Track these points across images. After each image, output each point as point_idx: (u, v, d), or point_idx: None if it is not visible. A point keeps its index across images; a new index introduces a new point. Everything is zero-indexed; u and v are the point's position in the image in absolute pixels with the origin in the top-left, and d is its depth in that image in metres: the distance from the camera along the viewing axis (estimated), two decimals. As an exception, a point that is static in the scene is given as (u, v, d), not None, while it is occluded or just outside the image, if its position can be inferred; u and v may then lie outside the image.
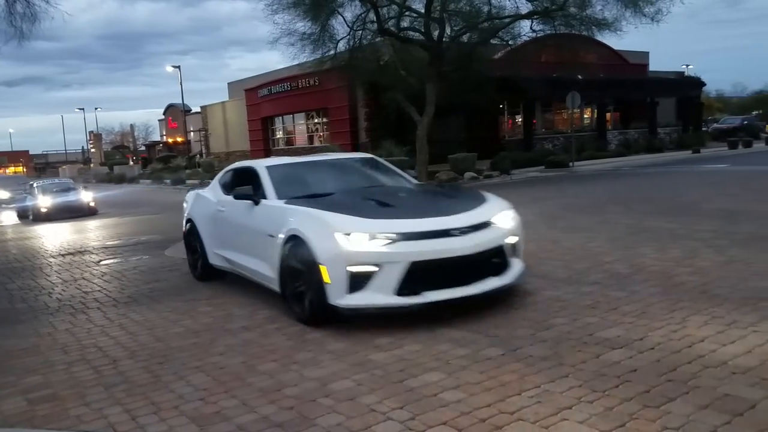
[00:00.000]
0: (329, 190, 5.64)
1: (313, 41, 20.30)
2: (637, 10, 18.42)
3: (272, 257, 5.09)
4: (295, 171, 6.27)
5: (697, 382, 3.23)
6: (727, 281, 5.18)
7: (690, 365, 3.47)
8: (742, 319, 4.17)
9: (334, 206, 4.95)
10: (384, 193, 5.64)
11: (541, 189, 15.81)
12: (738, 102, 66.49)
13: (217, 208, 6.48)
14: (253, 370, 3.96)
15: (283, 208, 5.22)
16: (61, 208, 17.90)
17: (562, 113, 31.34)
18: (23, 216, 19.32)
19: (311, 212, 4.89)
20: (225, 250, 6.30)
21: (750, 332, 3.92)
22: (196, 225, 6.89)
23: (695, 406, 2.96)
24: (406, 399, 3.33)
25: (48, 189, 19.22)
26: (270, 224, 5.20)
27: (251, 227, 5.59)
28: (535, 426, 2.91)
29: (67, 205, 18.16)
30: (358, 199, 5.26)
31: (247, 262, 5.74)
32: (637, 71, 33.80)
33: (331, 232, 4.55)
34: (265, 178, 5.84)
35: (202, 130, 43.97)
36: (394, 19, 20.76)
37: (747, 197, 10.99)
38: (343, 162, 6.84)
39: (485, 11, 20.11)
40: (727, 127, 37.88)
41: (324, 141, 30.24)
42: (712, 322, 4.18)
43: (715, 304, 4.58)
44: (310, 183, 5.90)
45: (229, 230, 6.17)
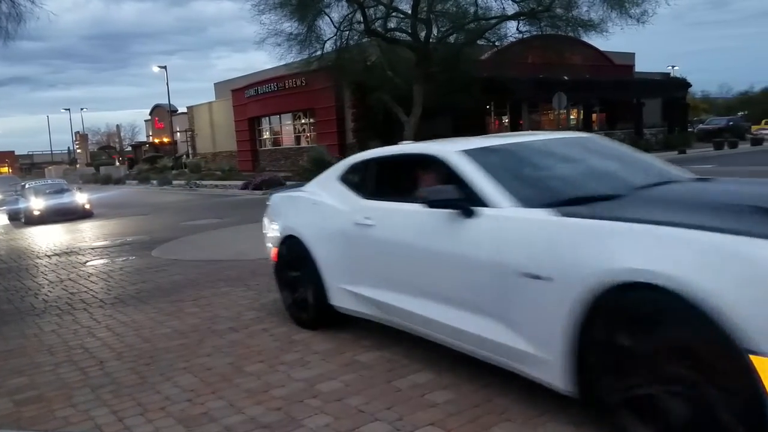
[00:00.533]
0: (593, 188, 3.35)
1: (299, 41, 20.32)
2: (623, 11, 18.65)
3: (541, 319, 2.80)
4: (515, 159, 3.77)
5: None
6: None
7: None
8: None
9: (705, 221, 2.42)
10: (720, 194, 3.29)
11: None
12: (723, 103, 67.34)
13: (353, 221, 4.18)
14: (241, 371, 3.95)
15: (582, 226, 2.75)
16: (55, 211, 17.07)
17: (548, 114, 31.57)
18: (14, 218, 18.43)
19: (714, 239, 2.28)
20: (371, 288, 4.08)
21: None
22: (307, 246, 4.56)
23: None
24: (394, 399, 3.33)
25: (41, 190, 18.38)
26: (527, 254, 2.87)
27: (463, 257, 3.22)
28: (522, 426, 2.93)
29: (62, 207, 17.36)
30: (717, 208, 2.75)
31: (443, 316, 3.43)
32: (622, 72, 34.12)
33: None
34: (474, 171, 3.43)
35: (189, 130, 43.70)
36: (381, 19, 20.83)
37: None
38: (569, 142, 4.28)
39: (472, 12, 20.24)
40: (712, 128, 38.38)
41: (311, 141, 30.21)
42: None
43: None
44: (551, 178, 3.65)
45: (389, 258, 3.87)
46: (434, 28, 20.40)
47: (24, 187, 19.34)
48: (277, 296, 5.88)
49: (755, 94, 63.93)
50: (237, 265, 7.78)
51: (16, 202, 18.65)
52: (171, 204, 19.61)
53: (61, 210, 17.21)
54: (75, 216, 17.33)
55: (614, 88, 31.32)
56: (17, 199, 18.83)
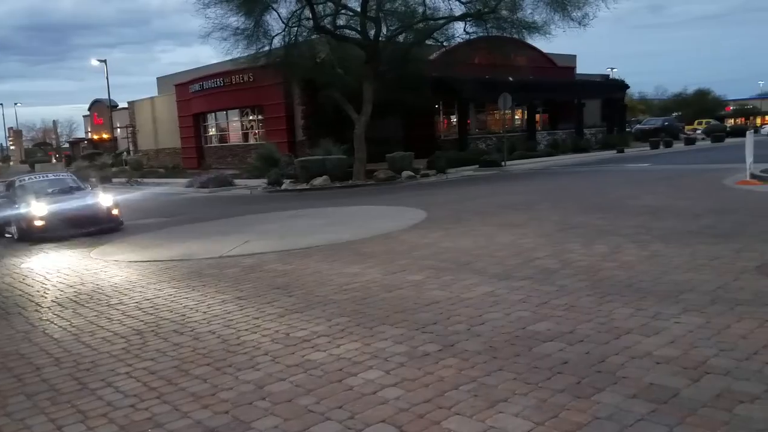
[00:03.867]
0: None
1: (246, 36, 19.93)
2: (566, 14, 19.18)
3: None
4: None
5: (625, 373, 3.39)
6: (650, 275, 5.47)
7: (617, 356, 3.64)
8: (665, 311, 4.41)
9: None
10: None
11: (475, 187, 16.17)
12: (659, 104, 70.33)
13: None
14: (187, 375, 3.84)
15: None
16: (69, 219, 11.23)
17: (494, 114, 32.18)
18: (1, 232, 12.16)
19: None
20: None
21: (672, 323, 4.15)
22: None
23: (623, 396, 3.10)
24: (345, 398, 3.31)
25: (41, 189, 12.61)
26: None
27: None
28: (471, 420, 2.96)
29: (78, 213, 11.48)
30: None
31: None
32: (565, 74, 35.18)
33: None
34: None
35: (130, 126, 42.23)
36: (330, 16, 20.68)
37: (668, 195, 11.66)
38: None
39: (420, 12, 20.38)
40: (649, 128, 40.12)
41: (259, 138, 29.73)
42: (637, 314, 4.40)
43: (639, 297, 4.82)
44: None
45: None
46: (383, 26, 20.42)
47: (13, 184, 13.29)
48: (226, 296, 5.76)
49: (688, 95, 67.11)
50: (182, 265, 7.57)
51: (2, 207, 12.40)
52: (111, 202, 18.84)
53: (77, 218, 11.36)
54: (97, 227, 11.37)
55: (557, 90, 32.28)
56: (2, 202, 12.74)
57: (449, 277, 5.90)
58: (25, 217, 11.25)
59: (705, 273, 5.37)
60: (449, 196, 14.34)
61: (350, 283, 5.96)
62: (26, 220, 11.22)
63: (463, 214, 10.45)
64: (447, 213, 10.76)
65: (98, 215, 11.71)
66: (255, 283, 6.25)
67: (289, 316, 4.96)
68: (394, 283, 5.80)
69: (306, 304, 5.27)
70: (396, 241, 8.24)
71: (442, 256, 6.94)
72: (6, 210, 12.02)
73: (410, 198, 14.05)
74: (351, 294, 5.52)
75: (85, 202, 11.98)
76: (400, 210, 11.74)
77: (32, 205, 11.33)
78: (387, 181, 19.14)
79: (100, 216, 11.70)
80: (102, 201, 12.01)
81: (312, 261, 7.22)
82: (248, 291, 5.93)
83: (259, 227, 10.60)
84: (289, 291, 5.80)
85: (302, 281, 6.20)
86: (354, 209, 12.59)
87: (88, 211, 11.69)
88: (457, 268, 6.24)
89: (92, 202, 12.07)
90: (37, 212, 11.20)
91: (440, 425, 2.93)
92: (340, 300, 5.34)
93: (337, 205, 13.28)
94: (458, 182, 18.37)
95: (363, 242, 8.37)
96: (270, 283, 6.24)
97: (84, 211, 11.62)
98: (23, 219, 11.26)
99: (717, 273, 5.33)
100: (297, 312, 5.05)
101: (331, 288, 5.80)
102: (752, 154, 12.97)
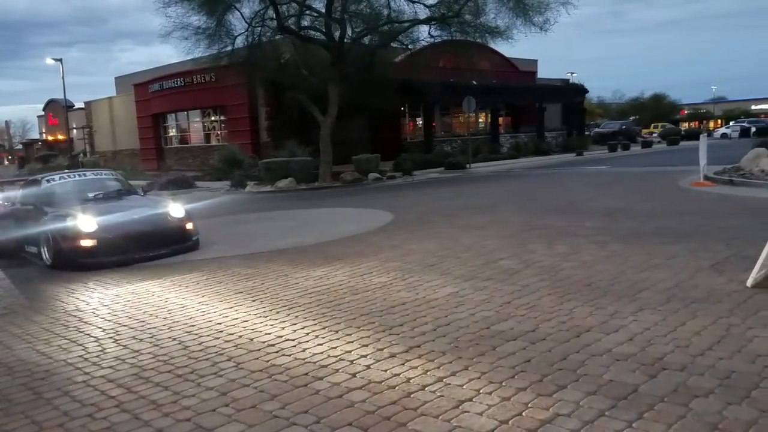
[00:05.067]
0: None
1: (208, 36, 19.62)
2: (527, 19, 19.54)
3: None
4: None
5: (585, 370, 3.46)
6: (609, 274, 5.61)
7: (578, 354, 3.71)
8: (623, 309, 4.53)
9: None
10: None
11: (441, 189, 16.30)
12: (617, 108, 72.22)
13: None
14: (147, 382, 3.74)
15: None
16: (131, 237, 8.02)
17: (459, 117, 32.51)
18: (13, 254, 8.96)
19: None
20: None
21: (630, 321, 4.26)
22: None
23: (583, 393, 3.17)
24: (310, 402, 3.29)
25: (80, 192, 9.05)
26: None
27: None
28: (437, 420, 2.98)
29: (143, 229, 8.21)
30: None
31: None
32: (526, 78, 35.83)
33: None
34: None
35: (87, 127, 41.06)
36: (295, 17, 20.54)
37: (625, 196, 11.99)
38: None
39: (385, 15, 20.43)
40: (607, 131, 41.22)
41: (222, 140, 29.29)
42: (597, 312, 4.50)
43: (598, 295, 4.94)
44: None
45: None
46: (349, 28, 20.40)
47: (37, 184, 9.43)
48: (188, 302, 5.66)
49: (645, 99, 69.11)
50: (150, 266, 7.39)
51: (19, 219, 9.07)
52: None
53: (141, 235, 8.10)
54: (170, 248, 8.32)
55: (518, 93, 32.88)
56: (18, 211, 9.30)
57: (415, 278, 5.93)
58: (65, 234, 7.76)
59: (661, 272, 5.54)
60: (415, 198, 14.42)
61: (316, 286, 5.93)
62: (67, 237, 7.74)
63: (429, 216, 10.52)
64: (413, 215, 10.82)
65: (170, 231, 8.48)
66: (218, 288, 6.15)
67: (253, 320, 4.89)
68: (360, 286, 5.79)
69: (271, 308, 5.21)
70: (363, 244, 8.23)
71: (408, 258, 6.97)
72: (30, 222, 8.57)
73: (376, 200, 14.07)
74: (317, 297, 5.49)
75: (150, 213, 8.64)
76: (366, 212, 11.74)
77: (76, 217, 7.90)
78: (353, 183, 19.12)
79: (172, 232, 8.50)
80: (172, 210, 8.77)
81: (277, 264, 7.15)
82: (211, 296, 5.83)
83: (223, 230, 10.44)
84: (254, 295, 5.73)
85: (267, 285, 6.13)
86: (320, 211, 12.53)
87: (155, 225, 8.39)
88: (423, 270, 6.28)
89: (159, 212, 8.72)
90: (85, 227, 7.80)
91: (406, 426, 2.94)
92: (306, 303, 5.30)
93: (303, 208, 13.20)
94: (424, 184, 18.48)
95: (329, 245, 8.34)
96: (234, 287, 6.15)
97: (150, 225, 8.31)
98: (62, 236, 7.76)
99: (672, 272, 5.50)
100: (261, 316, 4.99)
101: (297, 291, 5.75)
102: (706, 157, 13.45)
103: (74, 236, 7.77)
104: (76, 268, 7.60)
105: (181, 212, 8.80)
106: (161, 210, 8.81)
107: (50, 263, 7.96)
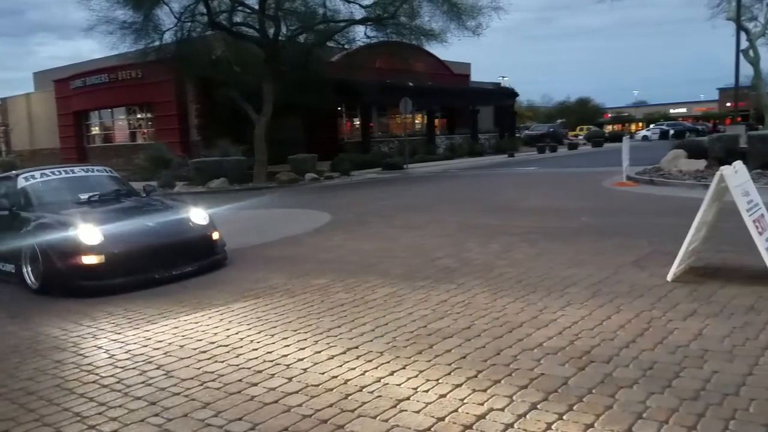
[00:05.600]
0: None
1: (135, 31, 18.86)
2: (461, 23, 19.96)
3: None
4: None
5: (518, 365, 3.55)
6: (539, 271, 5.79)
7: (511, 349, 3.81)
8: (553, 305, 4.68)
9: None
10: None
11: (379, 190, 16.36)
12: (545, 111, 75.00)
13: None
14: (71, 394, 3.53)
15: None
16: (148, 252, 6.28)
17: (396, 118, 32.77)
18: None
19: None
20: None
21: (559, 316, 4.41)
22: None
23: (516, 387, 3.25)
24: (245, 409, 3.20)
25: (70, 194, 7.30)
26: None
27: None
28: (375, 421, 2.97)
29: (163, 240, 6.48)
30: None
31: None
32: (460, 81, 36.60)
33: None
34: None
35: (2, 125, 38.56)
36: (227, 13, 20.06)
37: (554, 196, 12.44)
38: None
39: (321, 13, 20.31)
40: (536, 134, 42.82)
41: (149, 138, 28.21)
42: (528, 308, 4.64)
43: (529, 291, 5.09)
44: None
45: None
46: (283, 26, 20.12)
47: (11, 184, 7.36)
48: (115, 308, 5.39)
49: (571, 103, 72.22)
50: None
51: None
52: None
53: (161, 249, 6.41)
54: (196, 265, 6.61)
55: (453, 96, 33.54)
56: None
57: (353, 279, 5.90)
58: (60, 248, 6.01)
59: (587, 268, 5.77)
60: (353, 198, 14.40)
61: (252, 288, 5.79)
62: (64, 253, 5.99)
63: (367, 217, 10.53)
64: (351, 215, 10.79)
65: (195, 242, 6.80)
66: (146, 293, 5.89)
67: (183, 327, 4.72)
68: (298, 288, 5.71)
69: (203, 313, 5.05)
70: (300, 245, 8.13)
71: (346, 259, 6.94)
72: (2, 233, 6.65)
73: (314, 201, 13.95)
74: (252, 300, 5.36)
75: (169, 219, 6.87)
76: (304, 213, 11.61)
77: (76, 225, 6.10)
78: (290, 184, 18.86)
79: (198, 243, 6.81)
80: (193, 216, 7.03)
81: (210, 266, 6.93)
82: (139, 302, 5.59)
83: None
84: (184, 301, 5.53)
85: (201, 289, 5.93)
86: (256, 213, 12.28)
87: (177, 235, 6.68)
88: (362, 270, 6.26)
89: (179, 218, 6.96)
90: (88, 238, 6.03)
91: (344, 429, 2.91)
92: (241, 307, 5.17)
93: (238, 209, 12.90)
94: (362, 185, 18.49)
95: (266, 246, 8.19)
96: (164, 292, 5.91)
97: (171, 235, 6.59)
98: (57, 251, 6.00)
99: (598, 268, 5.75)
100: (193, 322, 4.82)
101: (232, 295, 5.60)
102: (628, 158, 14.17)
103: (73, 251, 5.96)
104: (74, 293, 5.88)
105: (205, 218, 7.11)
106: (181, 216, 7.01)
107: (36, 287, 6.17)
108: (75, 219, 6.31)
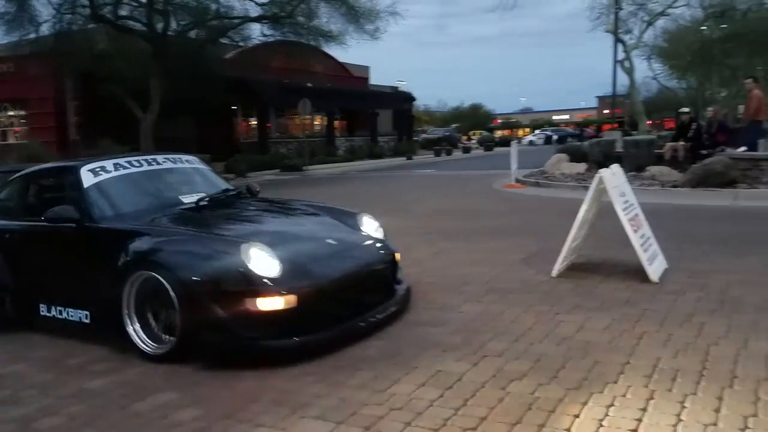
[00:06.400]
0: None
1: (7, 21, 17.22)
2: (359, 26, 20.16)
3: None
4: None
5: (416, 362, 3.60)
6: (437, 270, 5.94)
7: (410, 348, 3.85)
8: (449, 302, 4.81)
9: None
10: None
11: (277, 192, 16.00)
12: (441, 116, 77.44)
13: None
14: None
15: None
16: (347, 284, 4.06)
17: (294, 119, 32.37)
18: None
19: None
20: None
21: (456, 314, 4.54)
22: None
23: (415, 385, 3.29)
24: (131, 426, 2.99)
25: (170, 193, 4.93)
26: None
27: None
28: (273, 429, 2.88)
29: (353, 268, 4.20)
30: None
31: None
32: (359, 83, 36.88)
33: None
34: None
35: None
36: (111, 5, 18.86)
37: (449, 197, 12.86)
38: None
39: (213, 9, 19.65)
40: (433, 137, 44.07)
41: (21, 137, 25.82)
42: (427, 307, 4.73)
43: (428, 291, 5.19)
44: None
45: None
46: (173, 20, 19.22)
47: (60, 175, 4.97)
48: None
49: (465, 109, 75.23)
50: None
51: (15, 249, 4.75)
52: None
53: (358, 280, 4.21)
54: (386, 303, 4.38)
55: (352, 98, 33.70)
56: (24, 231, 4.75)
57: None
58: (217, 285, 3.67)
59: (481, 266, 6.00)
60: (248, 200, 13.98)
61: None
62: (226, 293, 3.65)
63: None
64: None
65: (388, 268, 4.64)
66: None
67: (57, 341, 4.33)
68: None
69: (84, 324, 4.65)
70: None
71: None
72: (62, 255, 4.51)
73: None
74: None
75: (350, 234, 4.66)
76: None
77: (237, 245, 3.74)
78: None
79: (390, 269, 4.68)
80: (367, 226, 4.88)
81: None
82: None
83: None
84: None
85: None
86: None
87: (366, 260, 4.45)
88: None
89: (358, 230, 4.76)
90: (263, 267, 3.69)
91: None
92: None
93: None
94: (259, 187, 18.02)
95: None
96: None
97: (358, 260, 4.37)
98: (210, 290, 3.65)
99: (491, 266, 5.99)
100: (68, 337, 4.42)
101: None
102: (516, 162, 14.94)
103: (245, 289, 3.63)
104: (245, 358, 3.65)
105: (378, 228, 4.94)
106: (356, 227, 4.80)
107: (162, 350, 3.81)
108: (233, 234, 4.05)
